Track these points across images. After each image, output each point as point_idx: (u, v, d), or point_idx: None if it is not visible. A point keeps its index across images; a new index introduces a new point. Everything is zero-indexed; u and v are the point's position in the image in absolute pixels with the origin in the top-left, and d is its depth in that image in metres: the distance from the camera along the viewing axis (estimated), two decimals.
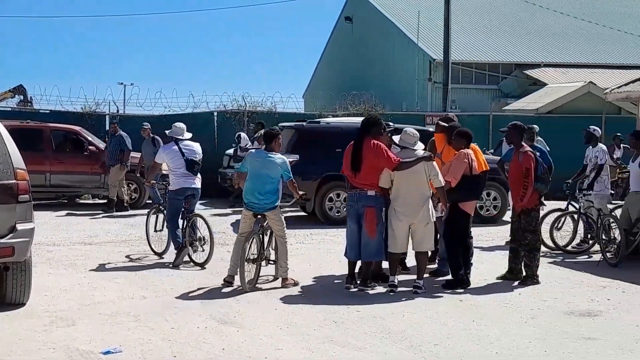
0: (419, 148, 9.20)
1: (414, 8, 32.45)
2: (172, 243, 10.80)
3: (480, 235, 12.74)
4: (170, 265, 10.50)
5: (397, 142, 9.33)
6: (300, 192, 9.59)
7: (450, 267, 9.48)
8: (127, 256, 11.34)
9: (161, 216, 11.40)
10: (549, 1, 36.88)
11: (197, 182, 10.81)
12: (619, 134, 16.72)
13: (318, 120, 16.26)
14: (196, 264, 10.54)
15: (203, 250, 10.61)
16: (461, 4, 33.20)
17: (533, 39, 33.59)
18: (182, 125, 11.05)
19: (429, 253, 9.56)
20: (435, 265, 10.17)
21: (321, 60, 44.44)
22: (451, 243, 9.44)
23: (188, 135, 11.01)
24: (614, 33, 34.14)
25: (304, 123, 15.50)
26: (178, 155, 10.71)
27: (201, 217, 10.80)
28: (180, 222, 10.71)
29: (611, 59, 31.77)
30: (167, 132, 11.17)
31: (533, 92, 28.07)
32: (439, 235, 9.85)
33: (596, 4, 38.53)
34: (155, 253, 11.25)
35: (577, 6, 37.18)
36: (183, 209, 10.74)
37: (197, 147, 10.93)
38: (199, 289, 9.17)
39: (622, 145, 16.45)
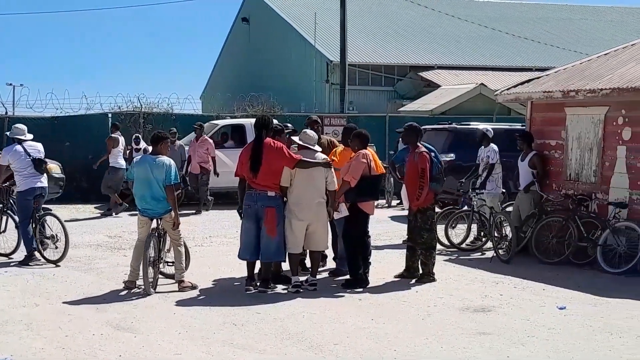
0: (319, 150, 9.29)
1: (311, 10, 32.65)
2: (23, 244, 10.86)
3: (378, 234, 12.92)
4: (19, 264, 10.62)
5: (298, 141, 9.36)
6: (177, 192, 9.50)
7: (349, 266, 9.57)
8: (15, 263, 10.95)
9: (4, 217, 11.37)
10: (443, 5, 37.81)
11: (45, 181, 10.94)
12: (518, 133, 17.26)
13: (468, 123, 16.94)
14: (49, 261, 10.64)
15: (56, 248, 10.71)
16: (357, 7, 33.63)
17: (427, 42, 34.34)
18: (23, 126, 11.21)
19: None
20: (334, 266, 10.26)
21: (218, 61, 44.14)
22: (351, 243, 9.53)
23: (30, 135, 11.10)
24: (504, 36, 35.28)
25: (456, 126, 16.61)
26: (24, 156, 10.74)
27: (54, 215, 10.86)
28: (30, 223, 10.74)
29: (502, 61, 32.81)
30: (7, 133, 11.37)
31: (428, 94, 28.71)
32: (337, 236, 9.97)
33: (488, 8, 39.73)
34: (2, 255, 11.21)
35: (470, 10, 38.24)
36: (33, 209, 10.76)
37: (40, 147, 11.04)
38: (93, 295, 8.93)
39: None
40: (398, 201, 18.58)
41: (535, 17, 39.14)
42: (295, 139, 9.42)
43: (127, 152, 17.15)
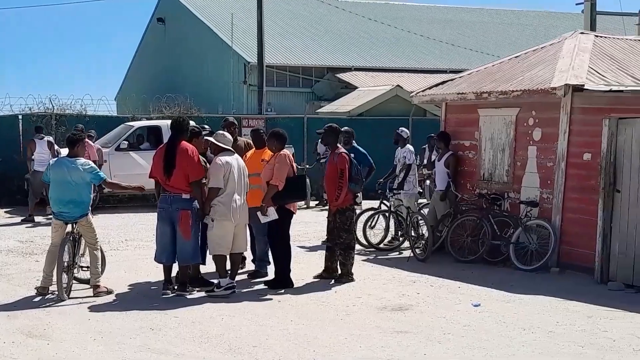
0: (233, 152, 9.21)
1: (228, 11, 32.47)
2: None
3: (297, 235, 12.93)
4: None
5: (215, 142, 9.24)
6: (134, 184, 9.46)
7: (276, 267, 9.55)
8: None
9: None
10: (360, 8, 38.15)
11: None
12: (432, 134, 17.53)
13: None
14: None
15: None
16: (274, 8, 33.59)
17: (344, 44, 34.58)
18: None
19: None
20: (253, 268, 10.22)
21: (134, 61, 43.39)
22: (277, 243, 9.52)
23: None
24: (420, 38, 35.83)
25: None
26: None
27: None
28: None
29: (417, 63, 33.31)
30: None
31: (345, 95, 28.90)
32: (254, 238, 9.96)
33: (404, 10, 40.29)
34: None
35: (386, 12, 38.69)
36: None
37: None
38: (4, 302, 8.64)
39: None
40: (317, 202, 18.66)
41: (448, 20, 39.88)
42: (211, 139, 9.30)
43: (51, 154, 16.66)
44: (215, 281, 9.08)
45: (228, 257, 9.16)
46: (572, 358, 6.65)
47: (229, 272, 9.14)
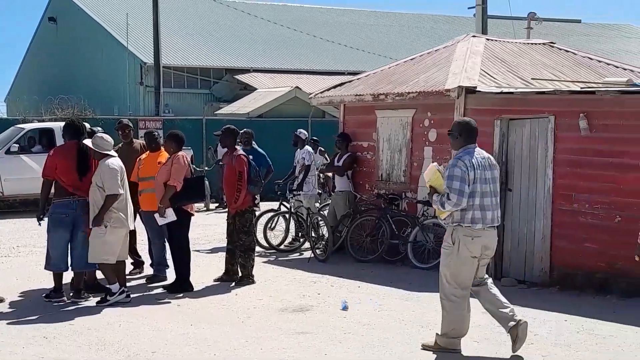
0: (115, 155, 8.85)
1: (122, 10, 31.83)
2: None
3: (196, 238, 12.79)
4: None
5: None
6: None
7: (178, 271, 9.39)
8: None
9: None
10: (259, 9, 38.13)
11: None
12: (315, 138, 17.66)
13: None
14: None
15: None
16: (171, 8, 33.15)
17: (243, 45, 34.46)
18: None
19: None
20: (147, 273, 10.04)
21: (24, 61, 42.00)
22: (176, 246, 9.38)
23: None
24: (319, 40, 36.07)
25: None
26: None
27: None
28: None
29: (316, 65, 33.53)
30: None
31: (244, 97, 28.81)
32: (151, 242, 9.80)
33: (304, 13, 40.47)
34: None
35: (286, 15, 38.78)
36: None
37: None
38: None
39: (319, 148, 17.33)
40: (217, 204, 18.51)
41: (347, 22, 40.33)
42: (88, 142, 8.83)
43: None
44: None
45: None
46: (469, 353, 6.82)
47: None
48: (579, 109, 9.47)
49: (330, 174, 13.25)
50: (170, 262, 9.72)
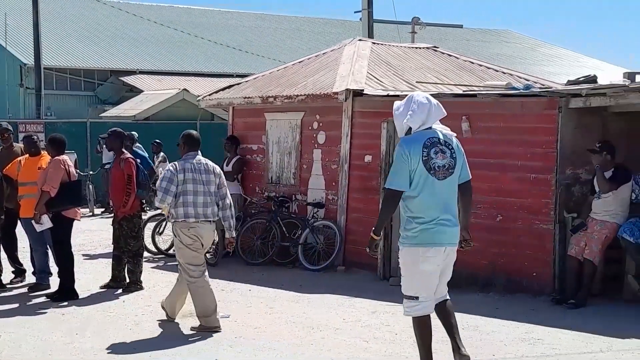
0: None
1: (0, 10, 30.60)
2: None
3: (81, 244, 12.45)
4: None
5: None
6: None
7: (63, 278, 9.09)
8: None
9: None
10: (144, 10, 37.42)
11: None
12: (157, 140, 17.52)
13: None
14: None
15: None
16: (52, 8, 32.14)
17: (128, 47, 33.76)
18: None
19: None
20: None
21: None
22: (60, 253, 9.09)
23: None
24: (207, 43, 35.74)
25: None
26: None
27: None
28: None
29: (204, 67, 33.22)
30: None
31: (130, 99, 28.23)
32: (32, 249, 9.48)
33: (191, 15, 39.99)
34: None
35: (172, 16, 38.23)
36: None
37: None
38: None
39: (161, 152, 17.22)
40: (103, 209, 18.05)
41: (235, 25, 40.16)
42: None
43: None
44: None
45: None
46: (358, 353, 6.91)
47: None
48: (462, 111, 9.76)
49: None
50: (53, 269, 9.41)
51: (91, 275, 10.29)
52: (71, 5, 36.59)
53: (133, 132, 12.80)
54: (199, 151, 7.91)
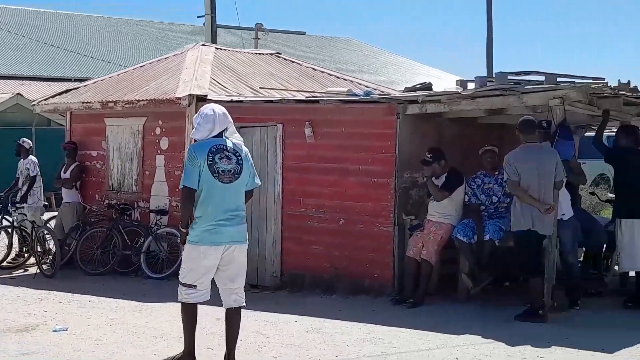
0: None
1: None
2: None
3: None
4: None
5: None
6: None
7: None
8: None
9: None
10: None
11: None
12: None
13: None
14: None
15: None
16: None
17: None
18: None
19: None
20: None
21: None
22: None
23: None
24: (43, 46, 34.33)
25: None
26: None
27: None
28: None
29: (40, 71, 31.88)
30: None
31: None
32: None
33: (25, 17, 38.26)
34: None
35: (5, 17, 36.45)
36: None
37: None
38: None
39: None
40: None
41: (73, 28, 38.81)
42: None
43: None
44: None
45: None
46: (205, 359, 6.84)
47: None
48: (305, 117, 9.90)
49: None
50: None
51: None
52: None
53: None
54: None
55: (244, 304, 6.28)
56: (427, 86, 10.29)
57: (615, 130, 9.43)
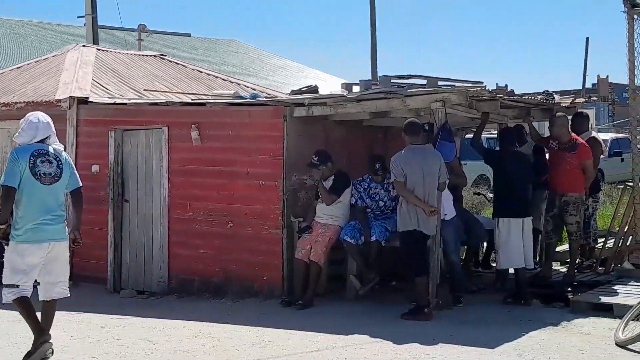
0: None
1: None
2: None
3: None
4: None
5: None
6: None
7: None
8: None
9: None
10: None
11: None
12: None
13: None
14: None
15: None
16: None
17: None
18: None
19: None
20: None
21: None
22: None
23: None
24: None
25: None
26: None
27: None
28: None
29: None
30: None
31: None
32: None
33: None
34: None
35: None
36: None
37: None
38: None
39: None
40: None
41: None
42: None
43: None
44: None
45: None
46: None
47: None
48: (191, 120, 9.78)
49: None
50: None
51: None
52: None
53: None
54: None
55: (69, 294, 6.67)
56: (314, 89, 10.36)
57: (495, 132, 9.77)
